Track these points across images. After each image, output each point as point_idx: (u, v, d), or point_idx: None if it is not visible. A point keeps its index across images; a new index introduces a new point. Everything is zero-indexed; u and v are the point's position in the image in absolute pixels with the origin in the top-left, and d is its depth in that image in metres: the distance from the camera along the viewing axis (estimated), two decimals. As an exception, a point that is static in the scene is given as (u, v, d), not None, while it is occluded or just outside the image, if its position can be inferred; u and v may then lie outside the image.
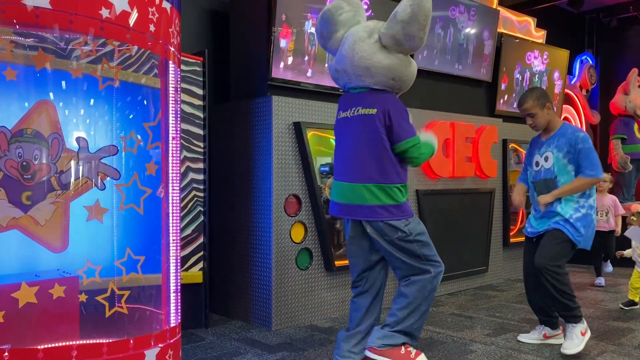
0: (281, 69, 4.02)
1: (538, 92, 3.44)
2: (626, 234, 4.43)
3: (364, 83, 2.81)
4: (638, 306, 4.52)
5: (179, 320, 2.69)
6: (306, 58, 4.15)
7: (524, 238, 3.68)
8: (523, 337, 3.60)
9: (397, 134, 2.74)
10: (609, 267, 6.09)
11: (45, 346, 2.20)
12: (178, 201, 2.73)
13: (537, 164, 3.51)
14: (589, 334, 3.39)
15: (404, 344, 2.80)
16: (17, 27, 2.20)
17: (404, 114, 2.79)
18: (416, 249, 2.79)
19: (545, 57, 6.54)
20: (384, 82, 2.79)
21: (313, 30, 4.12)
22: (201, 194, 3.89)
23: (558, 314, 3.47)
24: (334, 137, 3.05)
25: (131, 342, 2.34)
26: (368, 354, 2.80)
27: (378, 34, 2.76)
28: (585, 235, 3.35)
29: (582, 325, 3.35)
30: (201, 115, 3.91)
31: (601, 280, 5.53)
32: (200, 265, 3.88)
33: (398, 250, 2.79)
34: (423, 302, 2.80)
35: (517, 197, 3.62)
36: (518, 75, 6.21)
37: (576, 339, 3.30)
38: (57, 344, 2.26)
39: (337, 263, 4.13)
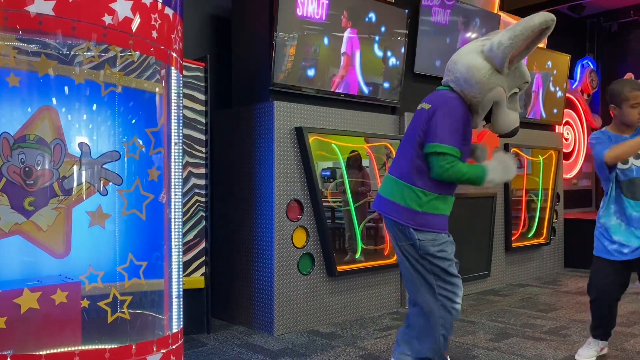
0: (283, 74, 4.02)
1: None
2: None
3: (445, 79, 2.73)
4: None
5: (181, 326, 2.69)
6: (308, 63, 4.16)
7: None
8: (582, 354, 3.32)
9: (429, 134, 2.55)
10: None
11: (48, 352, 2.20)
12: (180, 207, 2.73)
13: (626, 161, 3.19)
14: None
15: None
16: (20, 33, 2.21)
17: (451, 118, 2.55)
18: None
19: (546, 61, 6.54)
20: (457, 80, 2.62)
21: (315, 34, 4.13)
22: (203, 199, 3.90)
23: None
24: None
25: (133, 347, 2.34)
26: None
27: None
28: None
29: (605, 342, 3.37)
30: (203, 120, 3.91)
31: None
32: (202, 270, 3.88)
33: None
34: None
35: None
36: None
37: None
38: (59, 350, 2.26)
39: (339, 268, 4.13)
